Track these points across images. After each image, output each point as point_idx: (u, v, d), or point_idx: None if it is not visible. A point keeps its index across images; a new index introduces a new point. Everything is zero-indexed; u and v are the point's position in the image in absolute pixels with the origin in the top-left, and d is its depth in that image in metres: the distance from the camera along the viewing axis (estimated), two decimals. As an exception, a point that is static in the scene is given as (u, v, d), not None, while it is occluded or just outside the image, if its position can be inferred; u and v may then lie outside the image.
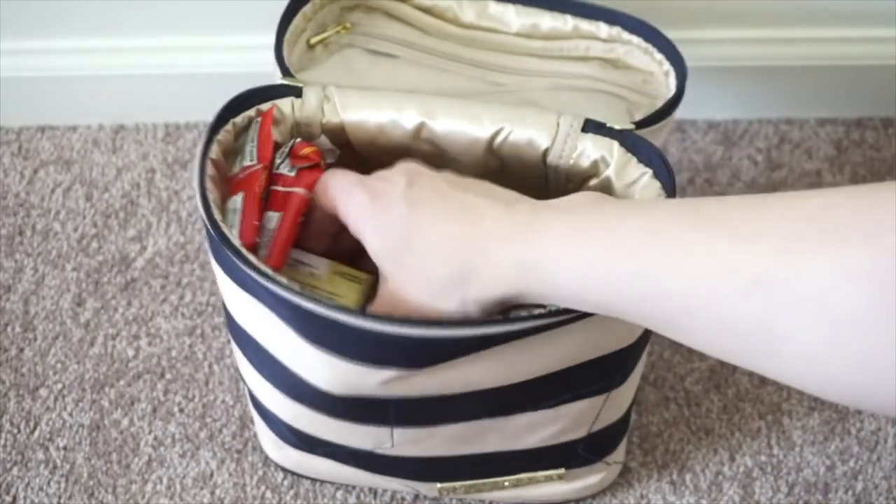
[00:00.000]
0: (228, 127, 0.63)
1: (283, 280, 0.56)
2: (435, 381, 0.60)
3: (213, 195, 0.59)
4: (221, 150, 0.62)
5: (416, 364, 0.58)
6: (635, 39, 0.73)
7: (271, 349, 0.62)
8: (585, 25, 0.74)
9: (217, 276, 0.63)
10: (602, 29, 0.74)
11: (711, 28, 0.95)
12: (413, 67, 0.73)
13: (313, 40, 0.73)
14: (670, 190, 0.61)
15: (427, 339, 0.55)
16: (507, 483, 0.73)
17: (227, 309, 0.65)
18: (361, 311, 0.56)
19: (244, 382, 0.72)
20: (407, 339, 0.55)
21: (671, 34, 0.73)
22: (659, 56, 0.72)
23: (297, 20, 0.72)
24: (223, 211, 0.60)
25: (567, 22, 0.74)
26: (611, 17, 0.74)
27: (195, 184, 0.60)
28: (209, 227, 0.58)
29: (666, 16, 0.93)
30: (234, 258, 0.57)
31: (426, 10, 0.76)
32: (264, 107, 0.65)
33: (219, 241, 0.57)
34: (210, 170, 0.60)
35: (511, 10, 0.75)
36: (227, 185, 0.63)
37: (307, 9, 0.73)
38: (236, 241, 0.57)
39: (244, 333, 0.64)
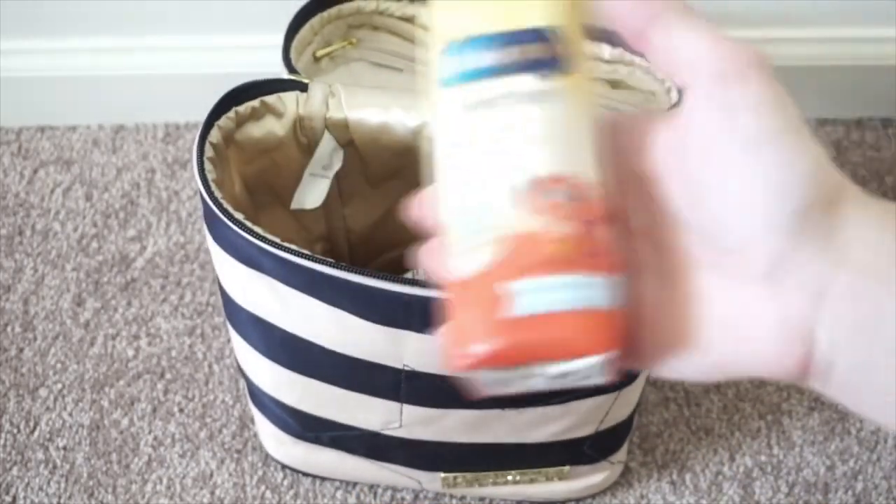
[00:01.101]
0: (231, 114, 0.64)
1: (293, 246, 0.57)
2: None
3: (212, 175, 0.60)
4: (223, 136, 0.63)
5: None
6: (637, 60, 0.74)
7: (279, 322, 0.62)
8: (589, 47, 0.75)
9: (216, 259, 0.63)
10: (605, 50, 0.75)
11: (711, 28, 0.95)
12: (416, 79, 0.74)
13: (319, 53, 0.74)
14: None
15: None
16: (510, 478, 0.73)
17: (227, 295, 0.65)
18: (376, 272, 0.57)
19: (244, 376, 0.72)
20: (420, 299, 0.56)
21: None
22: (661, 75, 0.73)
23: (305, 31, 0.73)
24: None
25: None
26: (614, 38, 0.74)
27: (193, 161, 0.60)
28: (210, 203, 0.58)
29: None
30: (240, 230, 0.57)
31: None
32: (269, 99, 0.66)
33: (220, 217, 0.58)
34: (209, 152, 0.61)
35: None
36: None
37: (314, 21, 0.73)
38: (238, 214, 0.58)
39: (247, 315, 0.64)
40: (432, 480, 0.75)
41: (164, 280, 0.89)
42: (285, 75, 0.69)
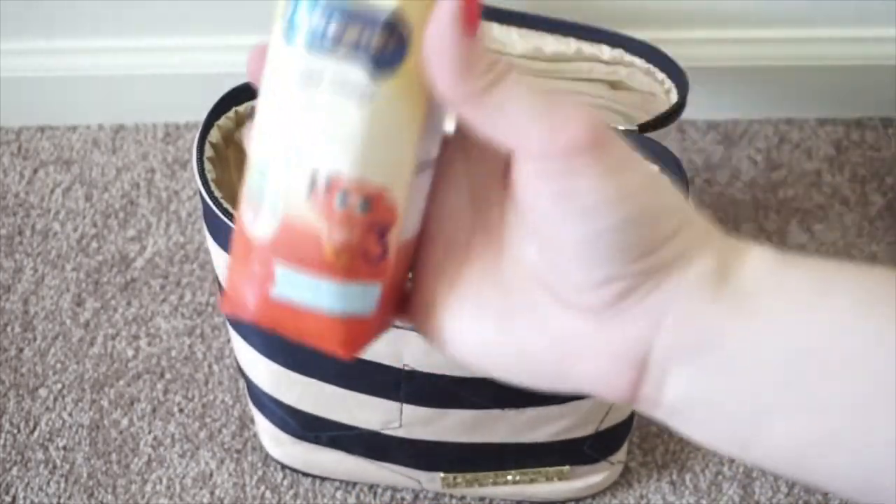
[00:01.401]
0: (230, 114, 0.64)
1: None
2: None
3: (212, 175, 0.60)
4: (222, 135, 0.63)
5: None
6: (637, 61, 0.74)
7: None
8: (588, 48, 0.75)
9: (216, 258, 0.63)
10: (605, 51, 0.75)
11: (711, 28, 0.95)
12: None
13: None
14: (681, 185, 0.62)
15: None
16: (510, 478, 0.73)
17: None
18: None
19: (244, 376, 0.72)
20: None
21: (671, 34, 0.73)
22: (661, 76, 0.73)
23: None
24: None
25: (570, 45, 0.75)
26: (613, 39, 0.75)
27: (193, 161, 0.60)
28: (210, 202, 0.58)
29: (667, 16, 0.93)
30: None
31: None
32: None
33: (220, 216, 0.58)
34: (209, 152, 0.61)
35: (514, 32, 0.76)
36: None
37: None
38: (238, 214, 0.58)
39: None
40: (432, 480, 0.75)
41: (164, 280, 0.89)
42: None
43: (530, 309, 0.35)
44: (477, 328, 0.36)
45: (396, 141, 0.34)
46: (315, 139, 0.34)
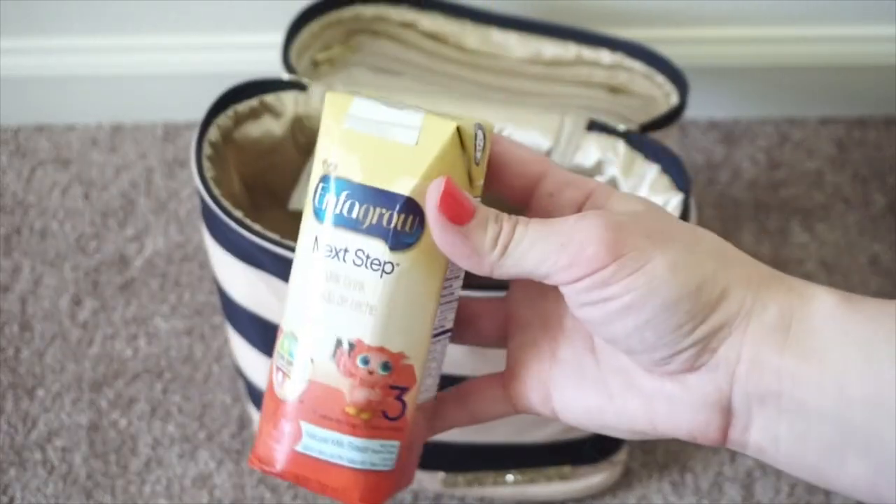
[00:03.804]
0: (230, 113, 0.64)
1: (292, 243, 0.57)
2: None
3: (210, 173, 0.60)
4: (221, 134, 0.63)
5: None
6: (637, 65, 0.74)
7: (279, 320, 0.62)
8: (588, 53, 0.75)
9: (214, 257, 0.63)
10: (604, 56, 0.75)
11: (712, 27, 0.95)
12: (416, 83, 0.74)
13: (319, 56, 0.74)
14: (682, 184, 0.61)
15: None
16: (510, 478, 0.73)
17: (225, 293, 0.65)
18: None
19: (243, 376, 0.72)
20: None
21: (672, 33, 0.73)
22: (660, 79, 0.73)
23: (304, 35, 0.73)
24: None
25: (569, 50, 0.75)
26: (613, 44, 0.74)
27: (192, 159, 0.60)
28: (208, 200, 0.58)
29: (667, 15, 0.93)
30: (239, 228, 0.57)
31: (431, 36, 0.76)
32: (268, 99, 0.66)
33: (218, 214, 0.58)
34: (208, 150, 0.61)
35: (514, 37, 0.76)
36: None
37: (314, 26, 0.73)
38: (237, 213, 0.58)
39: (246, 314, 0.64)
40: (432, 480, 0.74)
41: (163, 280, 0.89)
42: (285, 76, 0.69)
43: (620, 372, 0.39)
44: (580, 396, 0.40)
45: (415, 310, 0.38)
46: (339, 307, 0.38)
